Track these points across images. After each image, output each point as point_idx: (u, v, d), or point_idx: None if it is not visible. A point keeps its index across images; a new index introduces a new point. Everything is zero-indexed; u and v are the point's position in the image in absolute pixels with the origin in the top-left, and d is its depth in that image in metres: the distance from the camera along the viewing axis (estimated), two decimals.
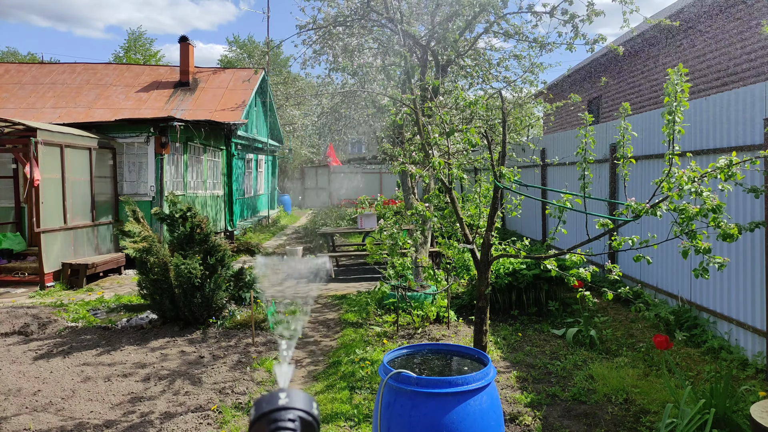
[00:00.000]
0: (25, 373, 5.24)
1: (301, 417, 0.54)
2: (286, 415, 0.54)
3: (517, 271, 6.88)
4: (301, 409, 0.55)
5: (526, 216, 12.37)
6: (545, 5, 6.56)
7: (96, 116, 15.31)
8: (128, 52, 37.55)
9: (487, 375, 2.91)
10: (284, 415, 0.54)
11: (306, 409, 0.55)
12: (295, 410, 0.55)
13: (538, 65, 8.31)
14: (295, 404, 0.55)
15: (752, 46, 9.01)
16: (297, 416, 0.54)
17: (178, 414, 4.36)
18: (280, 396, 0.56)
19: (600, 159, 8.31)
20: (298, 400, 0.56)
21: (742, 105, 5.29)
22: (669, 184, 3.53)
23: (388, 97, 4.80)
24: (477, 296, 4.43)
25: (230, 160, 15.39)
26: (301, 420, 0.54)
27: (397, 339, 6.09)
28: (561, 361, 5.30)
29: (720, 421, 3.64)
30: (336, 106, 10.15)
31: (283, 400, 0.55)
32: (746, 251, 5.19)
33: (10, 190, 11.43)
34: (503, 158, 4.42)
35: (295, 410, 0.55)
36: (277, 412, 0.54)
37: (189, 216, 6.78)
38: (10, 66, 18.77)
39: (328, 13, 8.12)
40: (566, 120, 18.61)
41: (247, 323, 6.70)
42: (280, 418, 0.54)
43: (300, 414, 0.55)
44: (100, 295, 8.54)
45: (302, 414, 0.55)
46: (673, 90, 3.43)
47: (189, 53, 17.29)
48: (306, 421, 0.55)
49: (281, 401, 0.55)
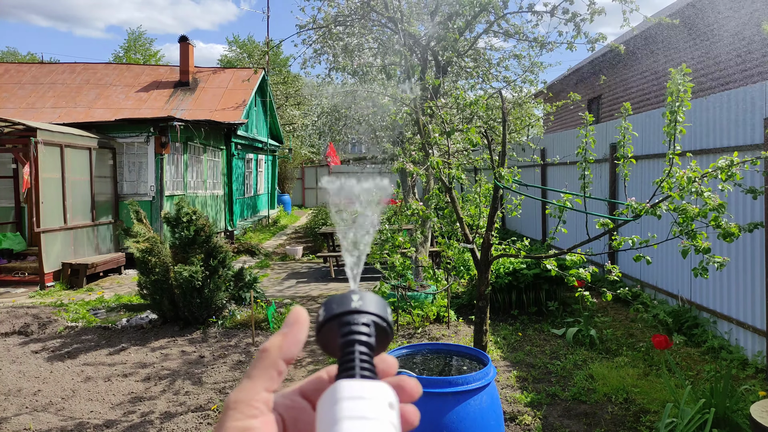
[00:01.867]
0: (26, 373, 5.24)
1: (375, 322, 0.50)
2: (360, 318, 0.50)
3: (517, 271, 6.88)
4: (375, 313, 0.50)
5: (526, 216, 12.37)
6: (546, 5, 6.55)
7: (96, 116, 15.31)
8: (128, 52, 37.54)
9: (487, 375, 2.91)
10: (358, 318, 0.50)
11: (381, 314, 0.51)
12: (370, 314, 0.50)
13: (538, 65, 8.31)
14: (369, 308, 0.50)
15: (753, 45, 9.01)
16: (371, 321, 0.50)
17: (179, 414, 4.36)
18: (353, 298, 0.51)
19: (600, 159, 8.30)
20: (372, 304, 0.51)
21: (743, 105, 5.29)
22: (669, 183, 3.53)
23: (388, 96, 4.79)
24: (477, 296, 4.43)
25: (230, 159, 15.39)
26: (375, 325, 0.50)
27: (397, 338, 6.09)
28: (561, 360, 5.30)
29: (720, 421, 3.64)
30: (336, 106, 10.15)
31: (356, 302, 0.50)
32: (746, 251, 5.19)
33: (10, 190, 11.43)
34: (503, 158, 4.42)
35: (369, 314, 0.50)
36: (350, 315, 0.50)
37: (194, 219, 6.81)
38: (10, 66, 18.76)
39: (328, 13, 8.11)
40: (566, 119, 18.61)
41: (247, 323, 6.70)
42: (354, 321, 0.49)
43: (374, 319, 0.50)
44: (100, 295, 8.54)
45: (377, 319, 0.50)
46: (676, 89, 3.43)
47: (189, 53, 17.29)
48: (380, 327, 0.50)
49: (354, 303, 0.50)
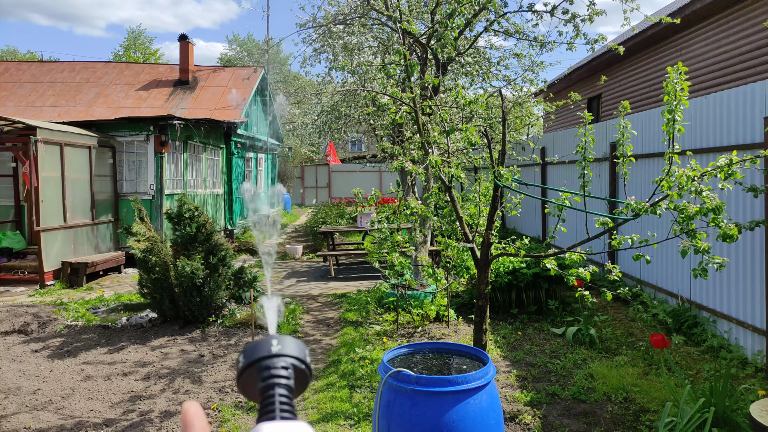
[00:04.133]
0: (25, 372, 5.24)
1: (294, 365, 0.52)
2: (279, 362, 0.51)
3: (516, 270, 6.88)
4: (294, 356, 0.52)
5: (525, 215, 12.37)
6: (546, 4, 6.54)
7: (96, 115, 15.30)
8: (128, 51, 37.50)
9: (487, 374, 2.90)
10: (276, 362, 0.51)
11: (299, 356, 0.52)
12: (289, 357, 0.51)
13: (539, 64, 8.30)
14: (288, 351, 0.52)
15: (753, 44, 9.00)
16: (290, 364, 0.51)
17: (178, 413, 4.36)
18: (272, 342, 0.52)
19: (600, 157, 8.30)
20: (291, 347, 0.52)
21: (742, 103, 5.29)
22: (669, 182, 3.53)
23: (387, 96, 4.78)
24: (477, 295, 4.43)
25: (230, 158, 15.38)
26: (295, 368, 0.52)
27: (397, 338, 6.09)
28: (561, 359, 5.30)
29: (719, 420, 3.64)
30: (336, 105, 10.15)
31: (275, 347, 0.51)
32: (746, 250, 5.19)
33: (9, 189, 11.42)
34: (503, 157, 4.42)
35: (288, 357, 0.51)
36: (268, 360, 0.51)
37: (195, 216, 6.81)
38: (10, 64, 18.75)
39: (328, 12, 8.11)
40: (566, 118, 18.60)
41: (247, 322, 6.70)
42: (273, 365, 0.51)
43: (293, 362, 0.51)
44: (100, 294, 8.54)
45: (295, 362, 0.52)
46: (673, 88, 3.43)
47: (189, 52, 17.28)
48: (299, 369, 0.52)
49: (273, 348, 0.51)
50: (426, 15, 7.55)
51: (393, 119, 4.81)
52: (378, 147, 9.65)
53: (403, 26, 5.35)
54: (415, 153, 4.73)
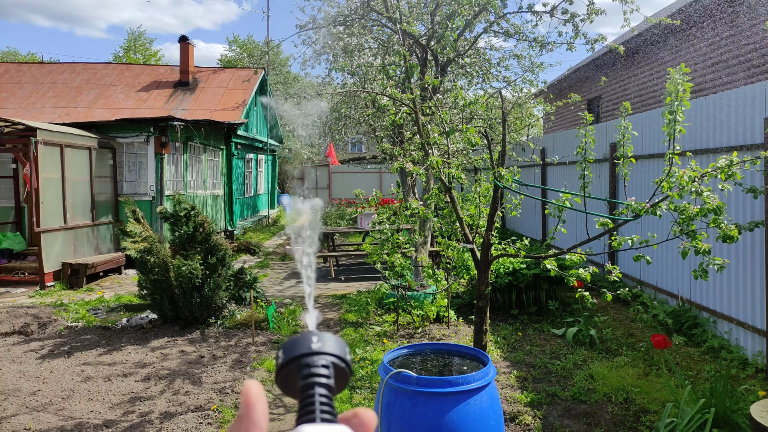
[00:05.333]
0: (25, 373, 5.24)
1: (334, 363, 0.50)
2: (319, 360, 0.49)
3: (517, 271, 6.88)
4: (334, 354, 0.50)
5: (525, 215, 12.37)
6: (545, 5, 6.55)
7: (96, 116, 15.31)
8: (128, 52, 37.51)
9: (487, 375, 2.90)
10: (317, 360, 0.49)
11: (340, 354, 0.50)
12: (329, 355, 0.50)
13: (538, 65, 8.31)
14: (328, 349, 0.50)
15: (753, 45, 9.01)
16: (330, 362, 0.50)
17: (178, 414, 4.35)
18: (312, 339, 0.50)
19: (600, 158, 8.30)
20: (331, 345, 0.50)
21: (743, 104, 5.29)
22: (669, 183, 3.53)
23: (387, 97, 4.79)
24: (477, 296, 4.43)
25: (230, 159, 15.38)
26: (335, 366, 0.50)
27: (397, 338, 6.09)
28: (561, 360, 5.30)
29: (720, 421, 3.64)
30: (336, 106, 10.16)
31: (315, 344, 0.50)
32: (746, 250, 5.19)
33: (10, 190, 11.42)
34: (503, 158, 4.42)
35: (328, 355, 0.50)
36: (309, 357, 0.49)
37: (192, 215, 6.79)
38: (10, 66, 18.76)
39: (328, 13, 8.11)
40: (566, 119, 18.60)
41: (247, 323, 6.69)
42: (313, 363, 0.49)
43: (333, 360, 0.50)
44: (100, 295, 8.54)
45: (335, 360, 0.50)
46: (675, 89, 3.43)
47: (189, 53, 17.29)
48: (339, 368, 0.50)
49: (314, 345, 0.50)
50: (426, 16, 7.55)
51: (393, 120, 4.82)
52: (378, 148, 9.66)
53: (403, 27, 5.35)
54: (416, 154, 4.74)
